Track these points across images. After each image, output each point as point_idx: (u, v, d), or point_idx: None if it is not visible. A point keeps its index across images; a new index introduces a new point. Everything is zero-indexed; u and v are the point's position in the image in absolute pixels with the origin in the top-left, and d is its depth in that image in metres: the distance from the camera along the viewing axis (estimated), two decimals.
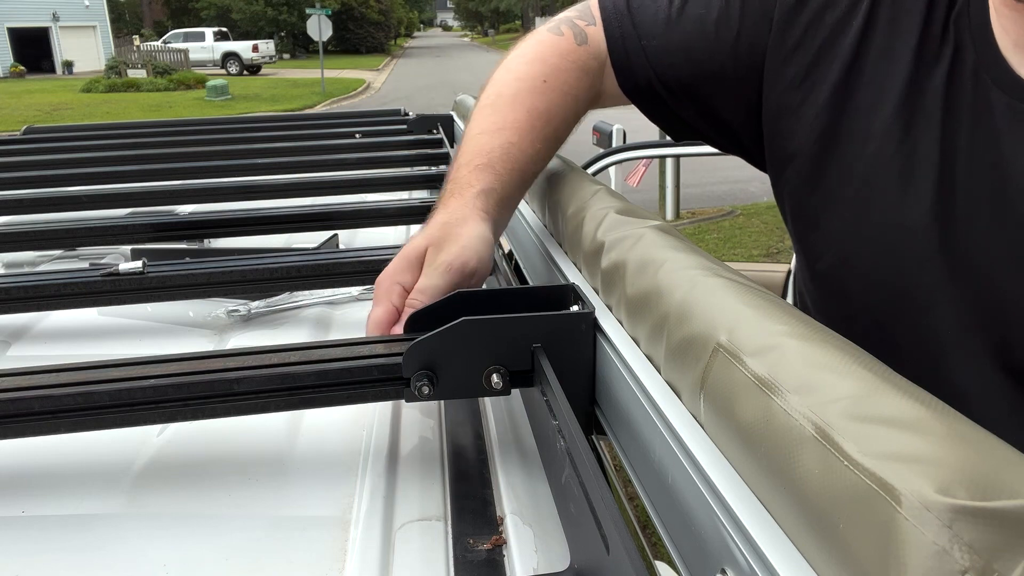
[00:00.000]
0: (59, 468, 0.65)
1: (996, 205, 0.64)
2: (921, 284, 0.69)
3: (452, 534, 0.56)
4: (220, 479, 0.63)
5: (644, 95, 0.86)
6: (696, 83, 0.82)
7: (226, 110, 16.19)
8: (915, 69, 0.69)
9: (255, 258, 0.93)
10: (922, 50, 0.69)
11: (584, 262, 0.72)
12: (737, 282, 0.50)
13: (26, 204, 1.29)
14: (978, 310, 0.67)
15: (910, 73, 0.69)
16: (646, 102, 0.87)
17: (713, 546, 0.41)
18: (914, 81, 0.69)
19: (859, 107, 0.72)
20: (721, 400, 0.43)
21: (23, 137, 1.90)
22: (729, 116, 0.84)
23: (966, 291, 0.67)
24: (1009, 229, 0.64)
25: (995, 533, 0.27)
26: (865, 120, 0.72)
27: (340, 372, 0.59)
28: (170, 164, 1.52)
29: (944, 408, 0.33)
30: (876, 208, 0.71)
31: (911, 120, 0.69)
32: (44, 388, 0.57)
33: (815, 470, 0.34)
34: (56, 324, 0.97)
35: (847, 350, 0.39)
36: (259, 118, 2.18)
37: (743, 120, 0.82)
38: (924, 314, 0.69)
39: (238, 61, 28.66)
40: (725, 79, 0.80)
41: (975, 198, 0.66)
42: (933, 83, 0.68)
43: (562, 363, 0.59)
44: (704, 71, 0.81)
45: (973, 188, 0.66)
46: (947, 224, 0.67)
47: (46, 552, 0.55)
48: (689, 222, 6.48)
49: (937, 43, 0.68)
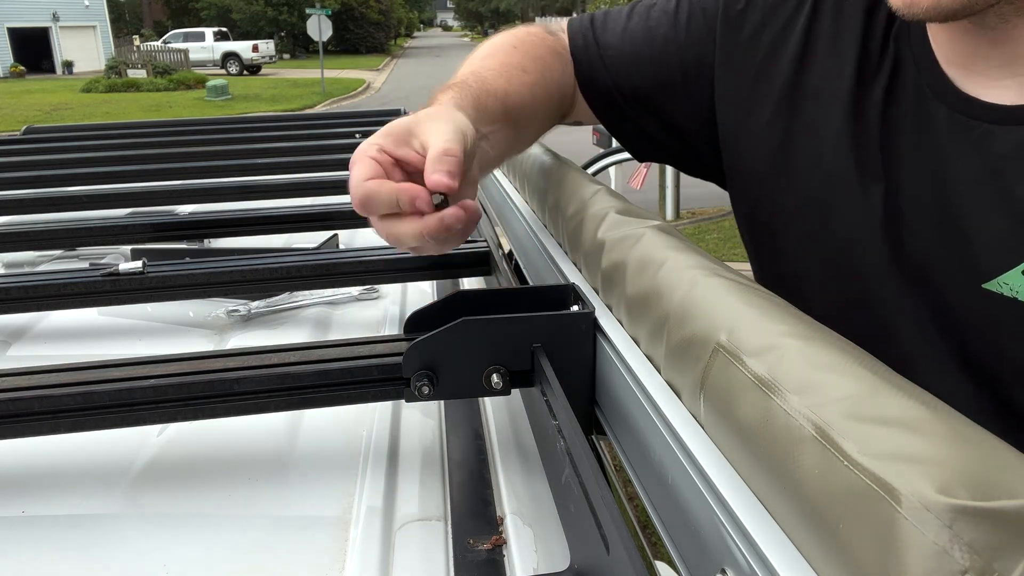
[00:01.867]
0: (59, 468, 0.64)
1: (941, 218, 0.65)
2: (880, 297, 0.69)
3: (452, 534, 0.56)
4: (220, 479, 0.63)
5: (606, 106, 0.86)
6: (652, 93, 0.83)
7: (226, 110, 16.19)
8: (856, 85, 0.69)
9: (255, 258, 0.93)
10: (862, 65, 0.69)
11: (584, 262, 0.72)
12: (737, 282, 0.50)
13: (26, 204, 1.29)
14: (936, 319, 0.67)
15: (852, 88, 0.69)
16: (609, 114, 0.87)
17: (713, 546, 0.41)
18: (857, 96, 0.69)
19: (805, 124, 0.73)
20: (721, 400, 0.43)
21: (23, 137, 1.90)
22: (686, 127, 0.84)
23: (921, 302, 0.67)
24: (954, 242, 0.64)
25: (995, 533, 0.27)
26: (813, 136, 0.72)
27: (340, 372, 0.59)
28: (170, 164, 1.52)
29: (944, 408, 0.33)
30: (830, 223, 0.72)
31: (857, 135, 0.69)
32: (44, 388, 0.57)
33: (815, 470, 0.34)
34: (56, 324, 0.97)
35: (847, 350, 0.39)
36: (259, 118, 2.18)
37: (699, 132, 0.83)
38: (885, 325, 0.70)
39: (238, 61, 28.65)
40: (677, 89, 0.81)
41: (920, 211, 0.66)
42: (874, 98, 0.68)
43: (562, 363, 0.59)
44: (658, 81, 0.82)
45: (918, 202, 0.66)
46: (896, 237, 0.67)
47: (46, 552, 0.55)
48: (689, 222, 6.48)
49: (876, 58, 0.69)
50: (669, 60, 0.81)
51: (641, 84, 0.83)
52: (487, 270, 0.95)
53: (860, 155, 0.69)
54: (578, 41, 0.85)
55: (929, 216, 0.65)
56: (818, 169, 0.72)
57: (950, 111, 0.64)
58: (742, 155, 0.79)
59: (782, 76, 0.74)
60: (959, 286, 0.64)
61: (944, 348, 0.67)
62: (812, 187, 0.72)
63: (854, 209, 0.69)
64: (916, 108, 0.66)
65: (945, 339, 0.67)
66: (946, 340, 0.67)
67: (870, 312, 0.70)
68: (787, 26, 0.74)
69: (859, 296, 0.71)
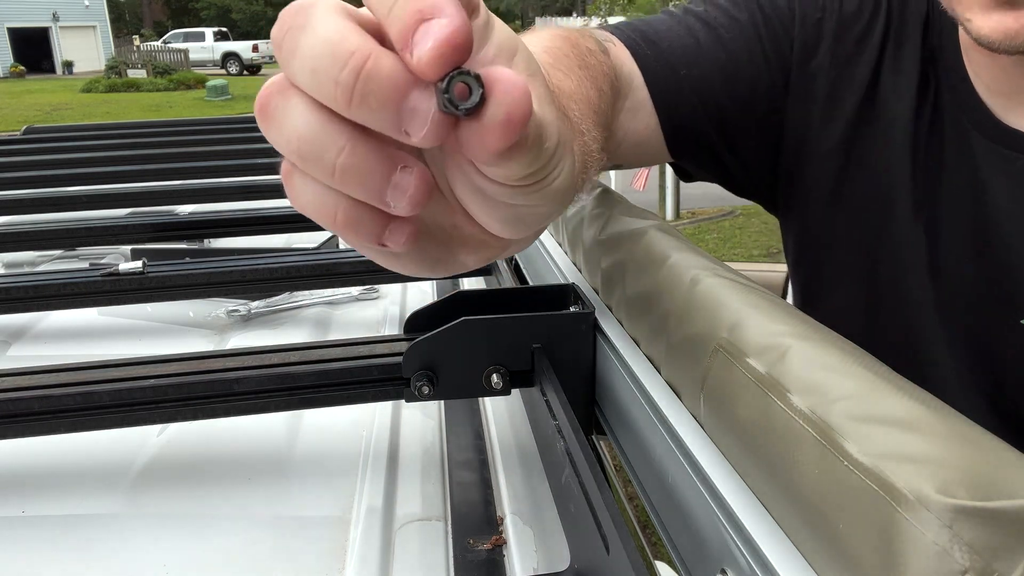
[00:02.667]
0: (59, 468, 0.64)
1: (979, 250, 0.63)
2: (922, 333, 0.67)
3: (452, 534, 0.56)
4: (220, 479, 0.63)
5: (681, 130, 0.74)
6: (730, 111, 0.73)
7: (226, 110, 16.18)
8: (915, 112, 0.66)
9: (255, 258, 0.93)
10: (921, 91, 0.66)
11: (584, 262, 0.72)
12: (737, 282, 0.50)
13: (26, 204, 1.29)
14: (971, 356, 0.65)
15: (912, 116, 0.66)
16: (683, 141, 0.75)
17: (713, 546, 0.40)
18: (915, 124, 0.66)
19: (868, 150, 0.69)
20: (721, 400, 0.43)
21: (23, 137, 1.90)
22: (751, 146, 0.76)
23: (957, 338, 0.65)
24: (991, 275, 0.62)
25: (995, 533, 0.27)
26: (874, 164, 0.68)
27: (340, 372, 0.59)
28: (170, 164, 1.52)
29: (945, 408, 0.33)
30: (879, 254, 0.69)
31: (911, 165, 0.66)
32: (44, 388, 0.57)
33: (815, 470, 0.34)
34: (56, 324, 0.97)
35: (848, 350, 0.39)
36: None
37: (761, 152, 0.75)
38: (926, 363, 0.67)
39: (238, 61, 28.65)
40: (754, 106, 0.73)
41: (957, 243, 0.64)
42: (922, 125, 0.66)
43: (562, 363, 0.59)
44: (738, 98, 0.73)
45: (955, 233, 0.64)
46: (936, 270, 0.65)
47: (46, 552, 0.55)
48: (689, 222, 6.48)
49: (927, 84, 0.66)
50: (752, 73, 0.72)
51: (723, 103, 0.73)
52: (487, 270, 0.95)
53: (913, 185, 0.66)
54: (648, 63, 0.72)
55: (967, 248, 0.63)
56: (875, 198, 0.68)
57: (989, 141, 0.62)
58: (803, 178, 0.74)
59: (854, 98, 0.69)
60: (996, 322, 0.62)
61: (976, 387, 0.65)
62: (868, 216, 0.69)
63: (905, 242, 0.67)
64: (954, 137, 0.64)
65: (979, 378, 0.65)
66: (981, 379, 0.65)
67: (912, 349, 0.68)
68: (861, 41, 0.69)
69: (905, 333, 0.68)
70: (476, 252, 0.36)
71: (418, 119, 0.26)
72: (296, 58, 0.27)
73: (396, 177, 0.28)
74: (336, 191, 0.29)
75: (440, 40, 0.25)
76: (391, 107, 0.26)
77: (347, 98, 0.26)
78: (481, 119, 0.26)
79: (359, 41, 0.26)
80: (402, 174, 0.28)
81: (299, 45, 0.27)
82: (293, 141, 0.28)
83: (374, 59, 0.26)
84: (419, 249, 0.34)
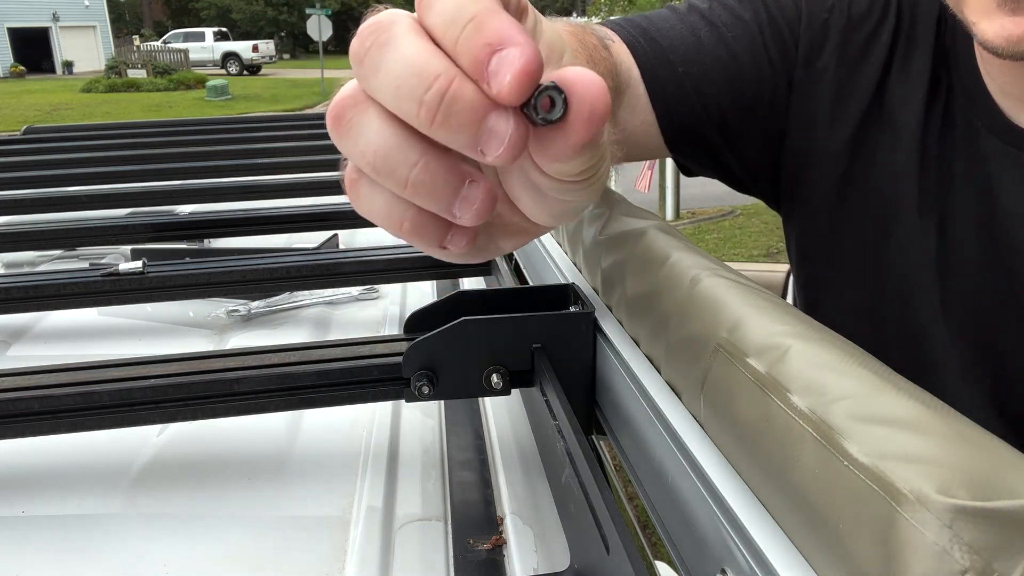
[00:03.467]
0: (59, 468, 0.64)
1: (989, 253, 0.62)
2: (929, 335, 0.67)
3: (452, 534, 0.56)
4: (220, 479, 0.63)
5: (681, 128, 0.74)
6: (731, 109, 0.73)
7: (226, 110, 16.18)
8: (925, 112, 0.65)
9: (255, 258, 0.93)
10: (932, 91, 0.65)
11: (584, 262, 0.72)
12: (737, 282, 0.50)
13: (26, 204, 1.29)
14: (976, 361, 0.65)
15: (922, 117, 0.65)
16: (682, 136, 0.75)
17: (713, 546, 0.40)
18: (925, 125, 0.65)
19: (876, 152, 0.68)
20: (721, 400, 0.43)
21: (23, 137, 1.90)
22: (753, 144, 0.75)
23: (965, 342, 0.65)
24: (1001, 278, 0.62)
25: (995, 533, 0.27)
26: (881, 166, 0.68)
27: (340, 372, 0.59)
28: (170, 164, 1.52)
29: (945, 408, 0.33)
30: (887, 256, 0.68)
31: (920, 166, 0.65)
32: (44, 388, 0.57)
33: (815, 470, 0.34)
34: (56, 324, 0.97)
35: (848, 350, 0.39)
36: (259, 118, 2.18)
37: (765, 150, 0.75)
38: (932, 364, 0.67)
39: (238, 61, 28.65)
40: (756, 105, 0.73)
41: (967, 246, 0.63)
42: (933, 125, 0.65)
43: (562, 363, 0.59)
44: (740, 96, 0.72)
45: (966, 235, 0.64)
46: (945, 272, 0.65)
47: (46, 552, 0.55)
48: (689, 222, 6.48)
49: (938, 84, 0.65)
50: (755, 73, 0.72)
51: (723, 102, 0.73)
52: (487, 270, 0.95)
53: (921, 186, 0.66)
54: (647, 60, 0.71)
55: (974, 249, 0.63)
56: (881, 198, 0.68)
57: (1001, 142, 0.61)
58: (807, 178, 0.73)
59: (862, 99, 0.68)
60: (1001, 323, 0.62)
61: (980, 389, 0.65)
62: (874, 217, 0.69)
63: (911, 243, 0.66)
64: (965, 138, 0.63)
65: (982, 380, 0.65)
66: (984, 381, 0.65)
67: (919, 351, 0.67)
68: (869, 42, 0.68)
69: (909, 333, 0.68)
70: (515, 237, 0.39)
71: (495, 140, 0.27)
72: (379, 74, 0.28)
73: (464, 190, 0.29)
74: (405, 201, 0.30)
75: (517, 72, 0.26)
76: (471, 129, 0.27)
77: (430, 118, 0.27)
78: (566, 121, 0.28)
79: (443, 64, 0.27)
80: (470, 188, 0.29)
81: (383, 62, 0.28)
82: (368, 153, 0.29)
83: (458, 83, 0.27)
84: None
